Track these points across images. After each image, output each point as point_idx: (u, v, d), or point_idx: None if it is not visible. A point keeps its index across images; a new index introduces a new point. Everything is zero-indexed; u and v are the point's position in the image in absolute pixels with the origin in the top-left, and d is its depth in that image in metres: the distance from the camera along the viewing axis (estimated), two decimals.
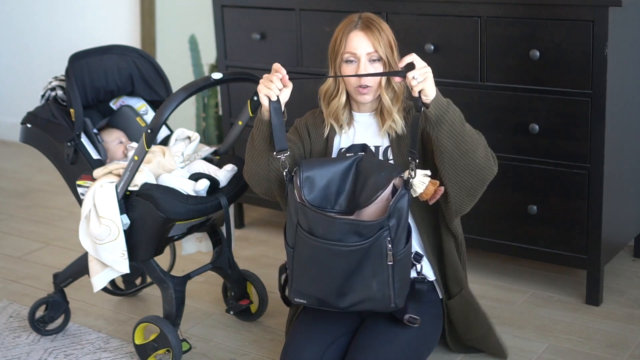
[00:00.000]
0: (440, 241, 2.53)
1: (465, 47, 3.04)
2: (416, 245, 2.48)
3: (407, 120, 2.47)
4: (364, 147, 2.48)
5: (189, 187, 2.71)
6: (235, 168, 2.81)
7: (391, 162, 2.46)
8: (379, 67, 2.42)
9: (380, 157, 2.48)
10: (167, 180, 2.71)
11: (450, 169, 2.35)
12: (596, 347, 2.77)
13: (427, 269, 2.51)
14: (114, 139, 2.92)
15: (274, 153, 2.38)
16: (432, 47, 3.09)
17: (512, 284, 3.22)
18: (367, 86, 2.42)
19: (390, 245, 2.26)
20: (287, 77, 2.35)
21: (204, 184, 2.71)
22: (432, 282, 2.52)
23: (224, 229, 2.84)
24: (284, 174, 2.38)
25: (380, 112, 2.47)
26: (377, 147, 2.49)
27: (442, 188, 2.36)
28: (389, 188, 2.30)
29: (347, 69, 2.42)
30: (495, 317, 2.98)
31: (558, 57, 2.87)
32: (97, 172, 2.74)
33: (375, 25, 2.41)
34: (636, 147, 3.14)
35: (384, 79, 2.42)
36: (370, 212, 2.30)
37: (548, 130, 2.94)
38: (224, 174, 2.79)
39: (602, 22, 2.75)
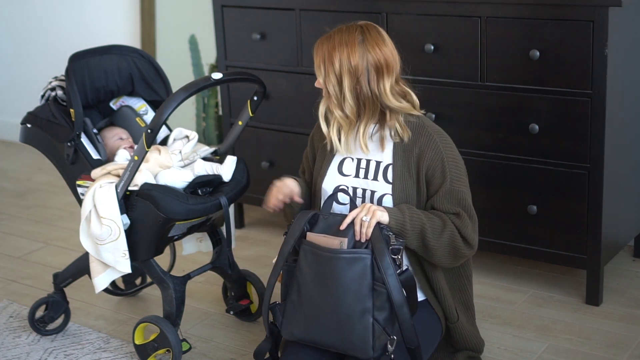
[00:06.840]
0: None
1: (465, 47, 3.04)
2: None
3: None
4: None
5: (187, 176, 2.71)
6: (235, 159, 2.80)
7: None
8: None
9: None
10: (165, 176, 2.71)
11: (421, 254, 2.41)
12: (596, 347, 2.78)
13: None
14: (113, 134, 2.92)
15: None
16: (432, 47, 3.09)
17: (512, 284, 3.22)
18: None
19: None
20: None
21: (201, 165, 2.77)
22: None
23: (224, 229, 2.85)
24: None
25: (379, 121, 2.41)
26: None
27: None
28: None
29: None
30: (495, 317, 2.99)
31: (558, 57, 2.87)
32: (94, 173, 2.73)
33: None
34: (636, 147, 3.14)
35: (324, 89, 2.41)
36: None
37: (548, 130, 2.94)
38: (226, 167, 2.79)
39: (602, 22, 2.75)
